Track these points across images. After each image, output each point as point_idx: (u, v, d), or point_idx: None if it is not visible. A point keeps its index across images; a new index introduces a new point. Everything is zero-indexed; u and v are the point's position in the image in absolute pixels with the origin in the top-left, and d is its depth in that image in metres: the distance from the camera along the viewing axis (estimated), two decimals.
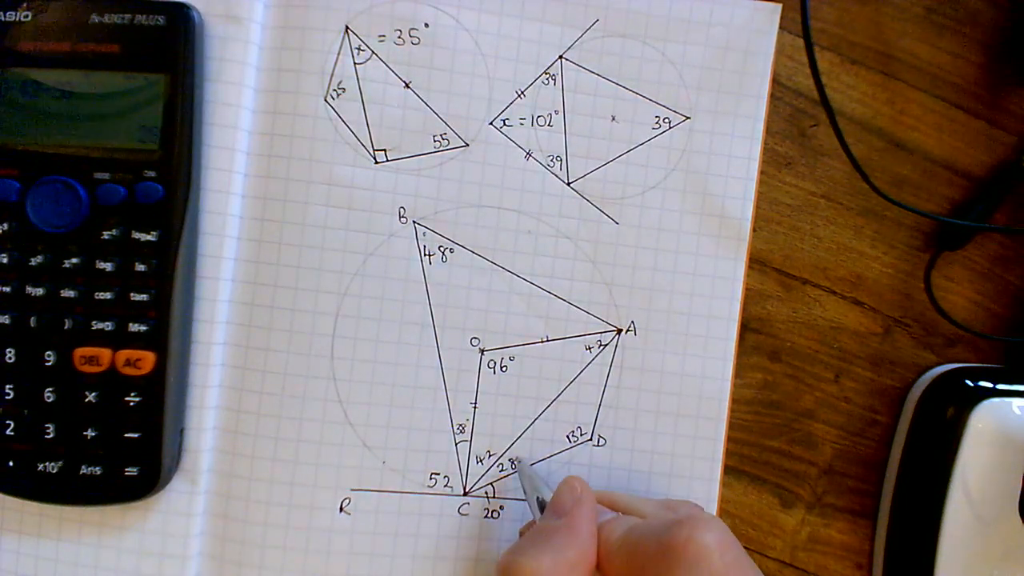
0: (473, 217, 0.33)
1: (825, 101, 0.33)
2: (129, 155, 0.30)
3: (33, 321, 0.30)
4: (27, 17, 0.30)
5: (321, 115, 0.32)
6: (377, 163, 0.33)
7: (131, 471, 0.30)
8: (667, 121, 0.34)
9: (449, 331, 0.33)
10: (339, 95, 0.32)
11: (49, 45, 0.30)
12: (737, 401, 0.36)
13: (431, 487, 0.33)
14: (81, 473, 0.30)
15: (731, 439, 0.36)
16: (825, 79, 0.34)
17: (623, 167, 0.34)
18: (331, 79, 0.32)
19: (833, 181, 0.36)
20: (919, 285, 0.37)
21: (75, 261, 0.30)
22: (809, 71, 0.33)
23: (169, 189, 0.30)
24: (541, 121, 0.34)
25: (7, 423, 0.30)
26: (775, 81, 0.35)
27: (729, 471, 0.36)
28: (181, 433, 0.32)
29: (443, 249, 0.33)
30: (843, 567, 0.37)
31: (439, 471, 0.33)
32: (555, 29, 0.33)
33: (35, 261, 0.30)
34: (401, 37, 0.32)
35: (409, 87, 0.33)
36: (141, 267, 0.30)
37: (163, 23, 0.30)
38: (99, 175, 0.30)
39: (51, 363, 0.30)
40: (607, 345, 0.34)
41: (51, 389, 0.30)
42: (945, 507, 0.34)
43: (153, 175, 0.30)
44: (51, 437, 0.30)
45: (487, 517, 0.33)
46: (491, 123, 0.33)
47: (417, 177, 0.33)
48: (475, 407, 0.33)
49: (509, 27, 0.33)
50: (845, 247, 0.37)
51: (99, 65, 0.30)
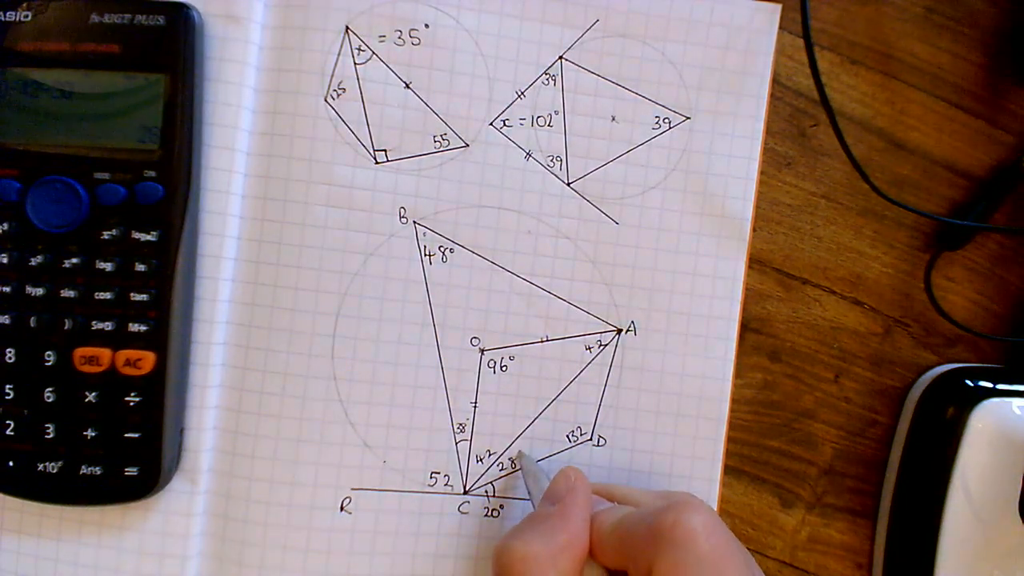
0: (473, 217, 0.33)
1: (825, 101, 0.33)
2: (129, 155, 0.30)
3: (33, 321, 0.30)
4: (27, 17, 0.30)
5: (321, 115, 0.32)
6: (377, 163, 0.33)
7: (131, 471, 0.30)
8: (667, 121, 0.34)
9: (449, 331, 0.33)
10: (339, 95, 0.32)
11: (49, 45, 0.30)
12: (737, 401, 0.36)
13: (431, 486, 0.33)
14: (81, 473, 0.30)
15: (731, 439, 0.36)
16: (825, 79, 0.34)
17: (623, 167, 0.34)
18: (331, 79, 0.32)
19: (833, 181, 0.36)
20: (919, 285, 0.37)
21: (75, 261, 0.30)
22: (809, 71, 0.33)
23: (169, 189, 0.30)
24: (541, 121, 0.34)
25: (7, 423, 0.30)
26: (775, 81, 0.35)
27: (729, 471, 0.36)
28: (181, 433, 0.32)
29: (443, 249, 0.33)
30: (843, 567, 0.37)
31: (439, 470, 0.33)
32: (555, 29, 0.33)
33: (35, 261, 0.30)
34: (401, 37, 0.32)
35: (409, 87, 0.33)
36: (141, 267, 0.30)
37: (163, 23, 0.30)
38: (99, 175, 0.30)
39: (51, 363, 0.30)
40: (607, 345, 0.34)
41: (51, 389, 0.30)
42: (945, 507, 0.34)
43: (153, 175, 0.30)
44: (51, 437, 0.30)
45: (487, 516, 0.33)
46: (491, 123, 0.33)
47: (417, 177, 0.33)
48: (475, 407, 0.33)
49: (509, 27, 0.33)
50: (845, 247, 0.37)
51: (99, 65, 0.30)
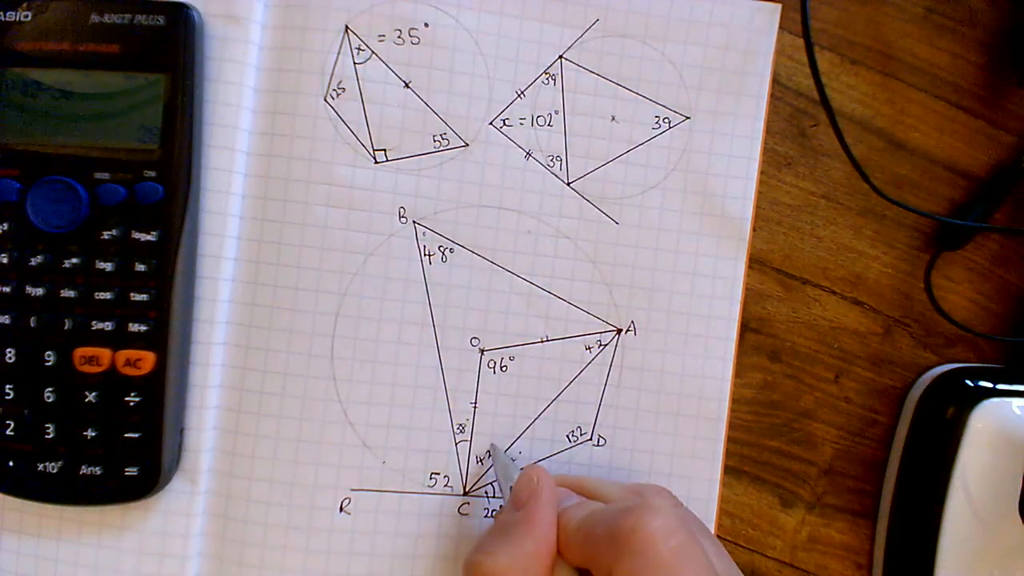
0: (473, 217, 0.33)
1: (825, 101, 0.33)
2: (129, 155, 0.30)
3: (33, 321, 0.30)
4: (27, 17, 0.30)
5: (321, 115, 0.32)
6: (377, 163, 0.33)
7: (131, 471, 0.30)
8: (667, 121, 0.34)
9: (449, 331, 0.33)
10: (339, 95, 0.32)
11: (49, 45, 0.30)
12: (737, 401, 0.36)
13: (431, 487, 0.33)
14: (81, 473, 0.30)
15: (731, 439, 0.36)
16: (825, 79, 0.34)
17: (623, 167, 0.34)
18: (331, 79, 0.32)
19: (833, 181, 0.36)
20: (919, 285, 0.37)
21: (75, 261, 0.30)
22: (809, 71, 0.33)
23: (169, 189, 0.30)
24: (541, 121, 0.34)
25: (7, 423, 0.30)
26: (775, 81, 0.35)
27: (729, 471, 0.36)
28: (181, 433, 0.32)
29: (443, 249, 0.33)
30: (843, 567, 0.37)
31: (439, 471, 0.33)
32: (555, 29, 0.33)
33: (35, 261, 0.30)
34: (401, 37, 0.32)
35: (409, 87, 0.33)
36: (141, 267, 0.30)
37: (163, 23, 0.30)
38: (99, 175, 0.30)
39: (51, 363, 0.30)
40: (607, 345, 0.34)
41: (51, 389, 0.30)
42: (945, 507, 0.34)
43: (153, 175, 0.30)
44: (51, 437, 0.30)
45: (487, 517, 0.33)
46: (491, 123, 0.33)
47: (417, 177, 0.33)
48: (475, 407, 0.33)
49: (509, 27, 0.33)
50: (845, 247, 0.37)
51: (99, 65, 0.30)
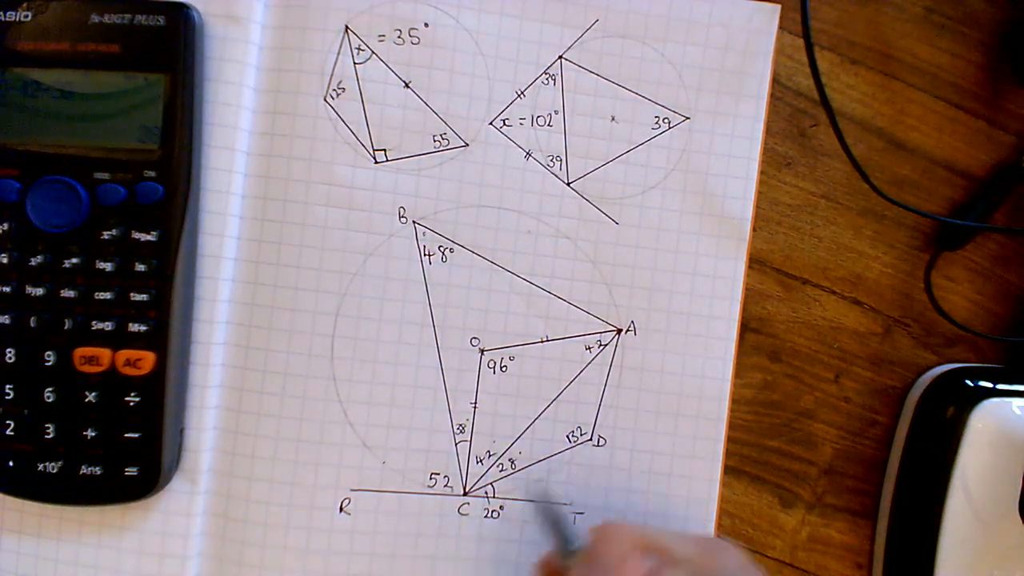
0: (473, 217, 0.33)
1: (825, 101, 0.33)
2: (129, 155, 0.30)
3: (33, 321, 0.30)
4: (27, 17, 0.30)
5: (321, 115, 0.32)
6: (377, 163, 0.33)
7: (131, 471, 0.30)
8: (667, 121, 0.34)
9: (449, 331, 0.33)
10: (339, 95, 0.32)
11: (49, 45, 0.30)
12: (737, 401, 0.36)
13: (431, 487, 0.33)
14: (81, 473, 0.30)
15: (731, 439, 0.36)
16: (825, 79, 0.34)
17: (623, 167, 0.34)
18: (331, 79, 0.32)
19: (833, 181, 0.36)
20: (919, 285, 0.37)
21: (75, 261, 0.30)
22: (809, 71, 0.33)
23: (169, 189, 0.30)
24: (541, 121, 0.34)
25: (7, 423, 0.30)
26: (775, 81, 0.35)
27: (729, 471, 0.36)
28: (181, 433, 0.32)
29: (443, 249, 0.33)
30: (843, 567, 0.37)
31: (439, 471, 0.33)
32: (555, 29, 0.33)
33: (35, 261, 0.30)
34: (401, 37, 0.32)
35: (409, 87, 0.33)
36: (141, 267, 0.30)
37: (163, 23, 0.30)
38: (99, 175, 0.30)
39: (51, 363, 0.30)
40: (607, 345, 0.34)
41: (51, 389, 0.30)
42: (945, 507, 0.34)
43: (153, 175, 0.30)
44: (51, 437, 0.30)
45: (487, 517, 0.33)
46: (491, 123, 0.33)
47: (417, 177, 0.33)
48: (475, 407, 0.33)
49: (509, 27, 0.33)
50: (845, 247, 0.37)
51: (99, 65, 0.30)
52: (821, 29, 0.36)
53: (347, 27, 0.32)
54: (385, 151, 0.33)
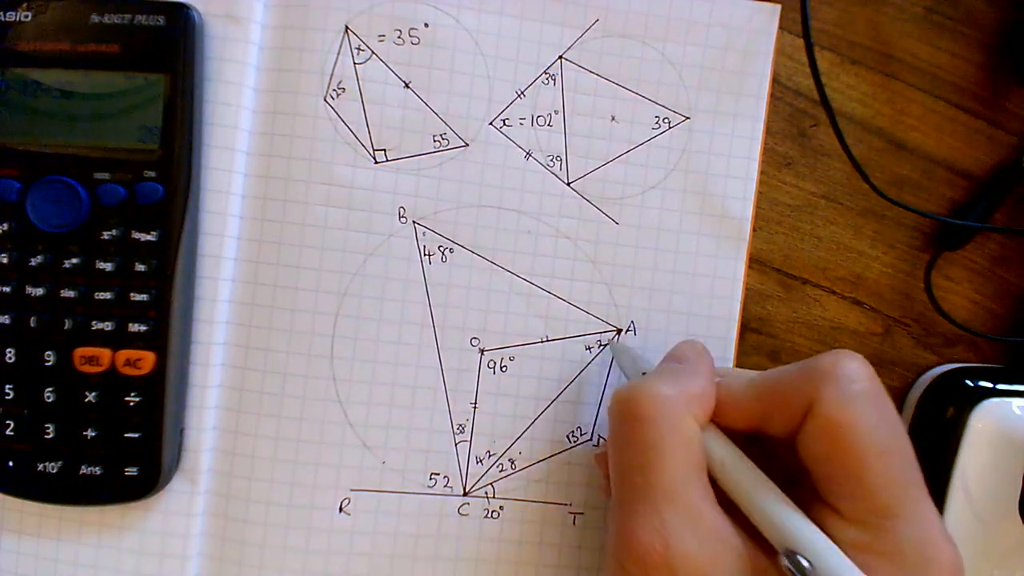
0: (473, 217, 0.33)
1: (825, 101, 0.33)
2: (129, 155, 0.30)
3: (33, 321, 0.30)
4: (27, 17, 0.30)
5: (321, 115, 0.32)
6: (377, 163, 0.33)
7: (131, 471, 0.30)
8: (667, 121, 0.34)
9: (449, 331, 0.33)
10: (339, 95, 0.32)
11: (49, 45, 0.30)
12: None
13: (431, 487, 0.33)
14: (81, 473, 0.30)
15: None
16: (825, 79, 0.34)
17: (623, 167, 0.34)
18: (331, 79, 0.32)
19: (833, 181, 0.36)
20: (919, 285, 0.37)
21: (75, 261, 0.30)
22: (809, 71, 0.33)
23: (169, 189, 0.30)
24: (541, 121, 0.34)
25: (7, 423, 0.30)
26: (775, 81, 0.35)
27: None
28: (181, 433, 0.32)
29: (443, 249, 0.33)
30: None
31: (439, 471, 0.33)
32: (555, 29, 0.33)
33: (35, 261, 0.30)
34: (401, 37, 0.32)
35: (409, 87, 0.33)
36: (141, 267, 0.30)
37: (163, 23, 0.30)
38: (99, 175, 0.30)
39: (51, 363, 0.30)
40: (607, 345, 0.34)
41: (51, 389, 0.30)
42: (945, 507, 0.34)
43: (153, 175, 0.30)
44: (51, 437, 0.30)
45: (487, 517, 0.33)
46: (491, 123, 0.33)
47: (417, 177, 0.33)
48: (475, 407, 0.33)
49: (509, 27, 0.33)
50: (845, 247, 0.37)
51: (99, 65, 0.30)
52: (821, 29, 0.36)
53: (347, 27, 0.32)
54: (385, 151, 0.33)
